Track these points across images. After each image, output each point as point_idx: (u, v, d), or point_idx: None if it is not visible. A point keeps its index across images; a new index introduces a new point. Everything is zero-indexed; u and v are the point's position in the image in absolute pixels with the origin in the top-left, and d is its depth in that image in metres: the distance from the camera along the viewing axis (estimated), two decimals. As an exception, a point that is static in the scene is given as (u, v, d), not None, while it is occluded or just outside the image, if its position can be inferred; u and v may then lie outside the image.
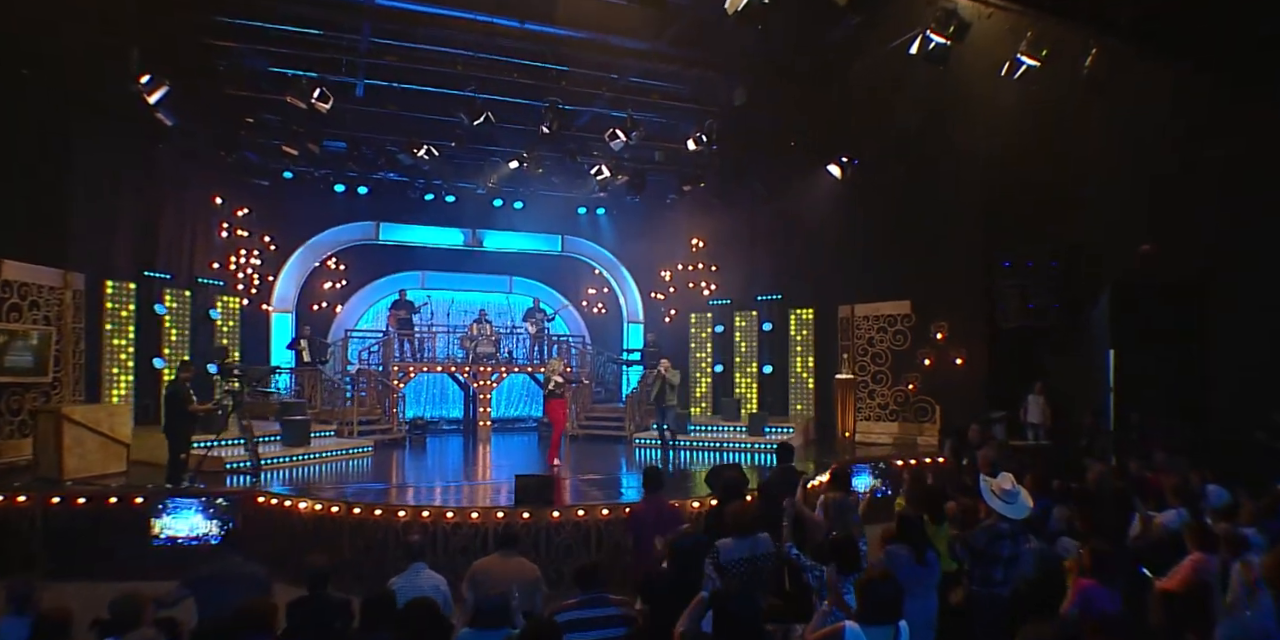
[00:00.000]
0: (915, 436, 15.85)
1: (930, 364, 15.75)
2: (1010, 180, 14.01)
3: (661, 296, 20.30)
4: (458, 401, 19.39)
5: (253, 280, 17.47)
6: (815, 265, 17.29)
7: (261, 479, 11.27)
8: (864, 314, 16.73)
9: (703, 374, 18.58)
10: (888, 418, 16.38)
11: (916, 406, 15.99)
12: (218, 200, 15.99)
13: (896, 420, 16.25)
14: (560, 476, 11.71)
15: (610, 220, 20.20)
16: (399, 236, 19.39)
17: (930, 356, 15.77)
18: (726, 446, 14.92)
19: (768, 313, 18.10)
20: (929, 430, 15.78)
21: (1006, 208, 14.30)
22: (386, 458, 13.90)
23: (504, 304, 19.69)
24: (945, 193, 15.41)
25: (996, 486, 5.76)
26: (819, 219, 16.85)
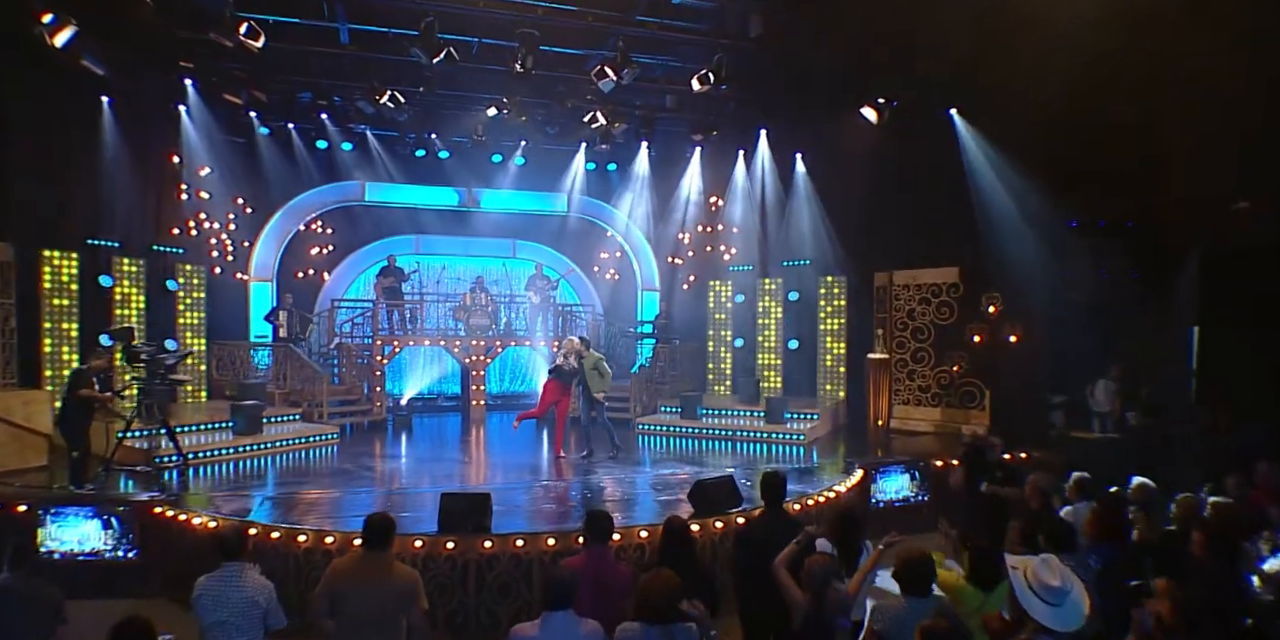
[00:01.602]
0: (960, 425, 13.76)
1: (980, 341, 13.68)
2: (1081, 123, 11.92)
3: (679, 261, 18.32)
4: (457, 376, 17.84)
5: (226, 247, 15.98)
6: (848, 226, 15.13)
7: (190, 477, 9.79)
8: (904, 282, 14.61)
9: (722, 349, 16.64)
10: (929, 402, 14.33)
11: (963, 390, 13.92)
12: (175, 159, 14.41)
13: (939, 405, 14.20)
14: (562, 465, 10.09)
15: (622, 177, 18.17)
16: (387, 197, 17.68)
17: (980, 332, 13.69)
18: (740, 435, 13.04)
19: (794, 281, 16.03)
20: (976, 417, 13.73)
21: (1076, 156, 12.22)
22: (351, 447, 12.36)
23: (504, 270, 17.86)
24: (1002, 139, 13.33)
25: (1034, 576, 3.77)
26: (852, 172, 14.62)
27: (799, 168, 16.14)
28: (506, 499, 8.69)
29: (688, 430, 13.46)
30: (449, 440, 13.58)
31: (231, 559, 4.73)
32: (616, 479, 9.99)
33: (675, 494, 8.91)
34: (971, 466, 7.30)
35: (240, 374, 14.43)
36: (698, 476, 9.79)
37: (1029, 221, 13.09)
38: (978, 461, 7.30)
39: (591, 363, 11.41)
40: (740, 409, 14.05)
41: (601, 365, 11.48)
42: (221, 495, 8.97)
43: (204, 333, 14.60)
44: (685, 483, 9.36)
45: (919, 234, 14.31)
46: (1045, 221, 12.88)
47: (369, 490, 9.28)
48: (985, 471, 7.23)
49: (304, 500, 8.69)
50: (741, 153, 16.53)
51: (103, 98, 13.31)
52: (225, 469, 10.61)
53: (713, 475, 8.44)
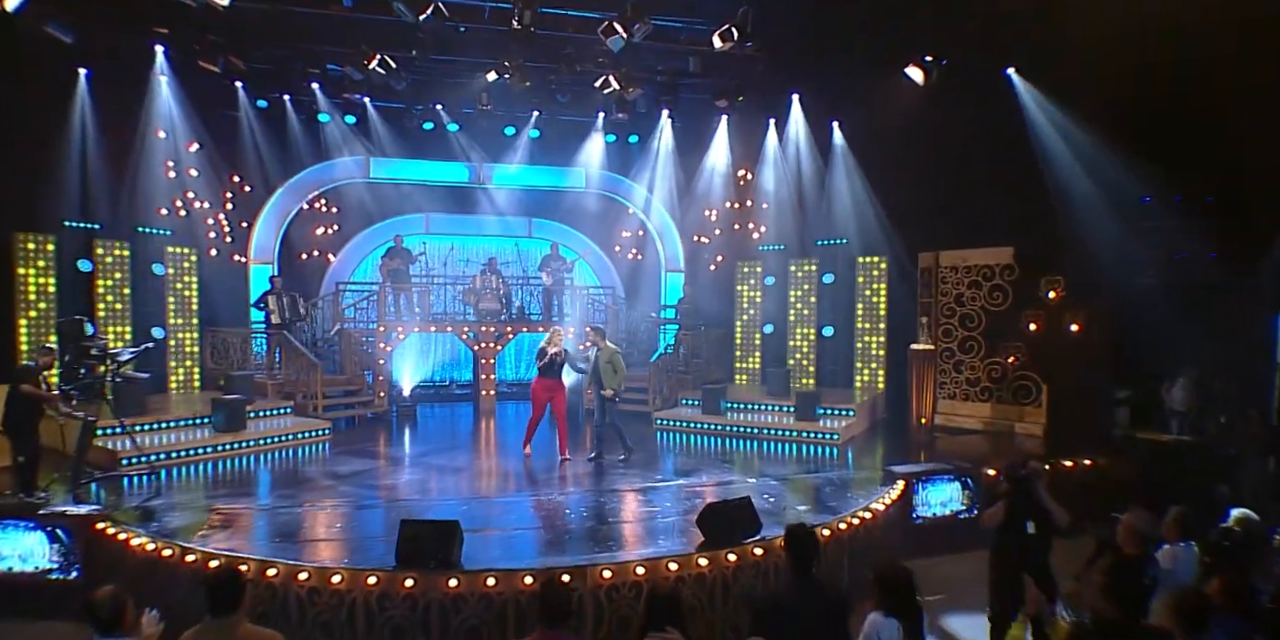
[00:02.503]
0: (1013, 423, 12.50)
1: (1037, 329, 12.32)
2: (1157, 83, 10.36)
3: (706, 240, 17.02)
4: (470, 362, 16.84)
5: (223, 228, 15.07)
6: (890, 201, 13.75)
7: (160, 480, 8.88)
8: (952, 264, 13.23)
9: (750, 336, 15.37)
10: (978, 397, 12.99)
11: (1016, 384, 12.57)
12: (161, 135, 13.45)
13: (989, 400, 12.87)
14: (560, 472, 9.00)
15: (644, 150, 16.85)
16: (393, 173, 16.59)
17: (1038, 320, 12.31)
18: (767, 434, 11.83)
19: (830, 261, 14.67)
20: (1031, 415, 12.41)
21: (1150, 122, 10.73)
22: (343, 445, 11.39)
23: (517, 250, 16.72)
24: (1065, 102, 12.05)
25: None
26: (894, 141, 13.20)
27: (835, 137, 14.72)
28: (492, 517, 7.64)
29: (709, 427, 12.29)
30: (451, 437, 12.58)
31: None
32: (627, 490, 8.84)
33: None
34: (1015, 503, 5.96)
35: (235, 363, 13.56)
36: (723, 486, 8.74)
37: (1095, 196, 11.77)
38: (1023, 497, 5.93)
39: (607, 356, 10.28)
40: (768, 403, 12.82)
41: (617, 359, 10.34)
42: (176, 506, 8.00)
43: (196, 319, 13.73)
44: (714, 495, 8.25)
45: (970, 210, 12.94)
46: (1114, 196, 11.55)
47: (336, 505, 8.24)
48: (1031, 510, 5.90)
49: (253, 517, 7.69)
50: (772, 121, 15.13)
51: (80, 70, 12.42)
52: (196, 472, 9.70)
53: (724, 495, 7.23)
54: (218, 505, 7.95)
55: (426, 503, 8.14)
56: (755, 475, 9.53)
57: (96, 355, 8.50)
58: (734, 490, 8.63)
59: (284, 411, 12.20)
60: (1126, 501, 8.53)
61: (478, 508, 7.94)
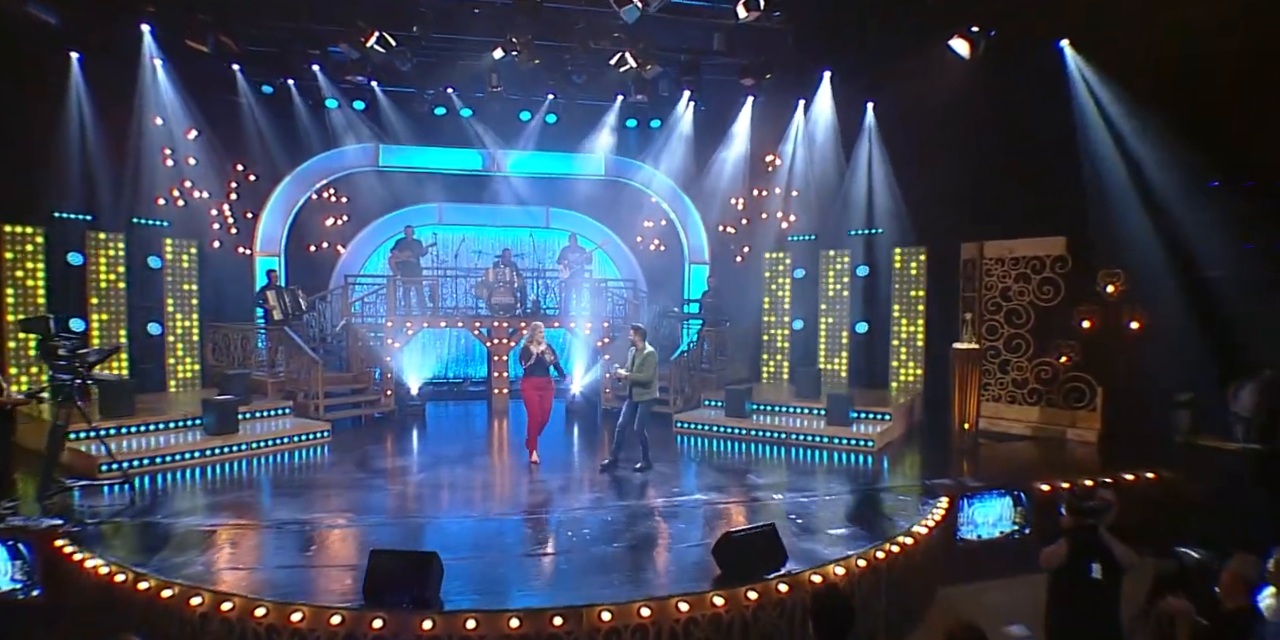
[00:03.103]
0: (1064, 428, 11.50)
1: (1092, 326, 11.36)
2: (1227, 57, 9.29)
3: (732, 230, 16.09)
4: (484, 358, 16.14)
5: (226, 219, 14.45)
6: (929, 188, 12.71)
7: (133, 491, 8.23)
8: (997, 255, 12.23)
9: (778, 333, 14.44)
10: (1026, 399, 11.98)
11: (1068, 386, 11.56)
12: (158, 121, 12.82)
13: (1038, 403, 11.87)
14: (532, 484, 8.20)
15: (665, 135, 15.94)
16: (403, 161, 15.87)
17: (1092, 316, 11.35)
18: (795, 439, 10.95)
19: (864, 252, 13.69)
20: (1084, 420, 11.41)
21: (1219, 99, 9.60)
22: (342, 449, 10.70)
23: (532, 241, 15.92)
24: (1125, 78, 10.98)
25: None
26: (935, 122, 12.20)
27: (868, 118, 13.71)
28: (484, 540, 6.86)
29: (733, 431, 11.42)
30: (457, 440, 11.82)
31: None
32: (639, 507, 8.01)
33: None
34: (1080, 542, 5.03)
35: (236, 360, 12.93)
36: (746, 504, 7.88)
37: (1157, 181, 10.68)
38: (1090, 535, 5.00)
39: (641, 357, 9.50)
40: (796, 406, 11.93)
41: (650, 362, 9.53)
42: (141, 522, 7.33)
43: (196, 313, 13.12)
44: (735, 515, 7.42)
45: (1018, 196, 11.94)
46: (1178, 181, 10.45)
47: (315, 523, 7.49)
48: (1098, 550, 4.98)
49: (219, 536, 6.97)
50: (801, 103, 14.14)
51: (72, 54, 11.82)
52: (179, 480, 9.04)
53: (747, 514, 6.39)
54: (185, 521, 7.27)
55: (414, 522, 7.38)
56: (782, 488, 8.67)
57: (65, 356, 7.84)
58: (757, 509, 7.79)
59: (283, 412, 11.55)
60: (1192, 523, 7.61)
61: (470, 528, 7.18)
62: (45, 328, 7.90)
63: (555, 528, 7.20)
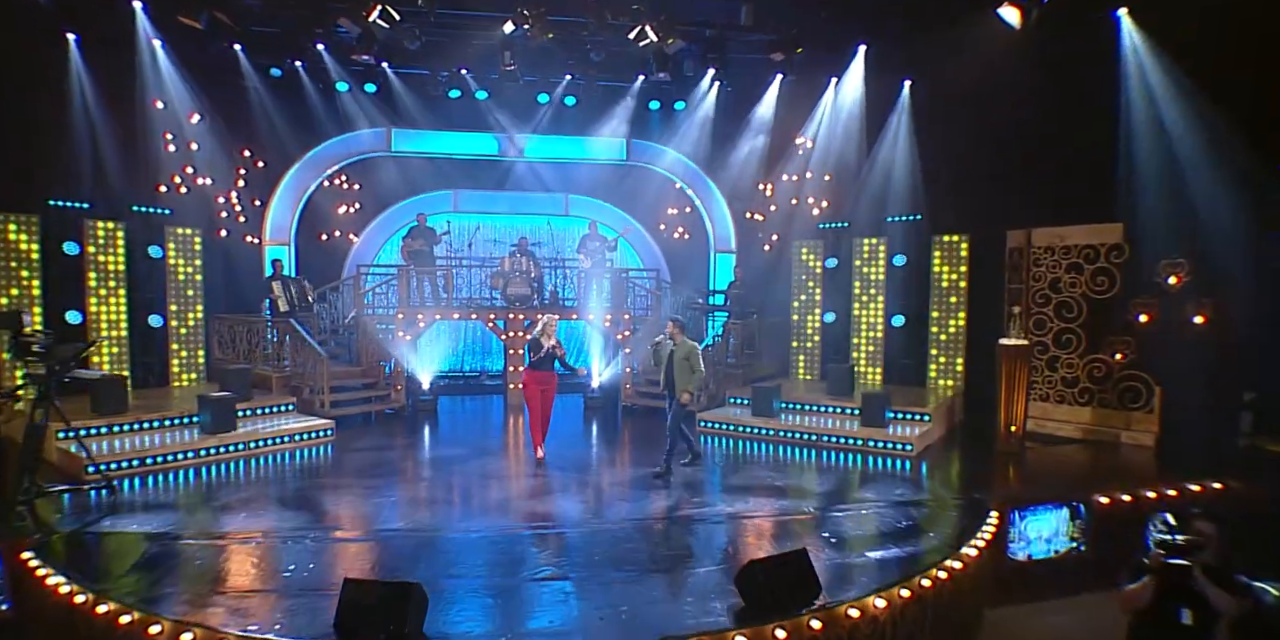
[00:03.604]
0: (1118, 431, 10.65)
1: (1150, 320, 10.50)
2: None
3: (760, 217, 15.29)
4: (502, 351, 15.54)
5: (234, 206, 13.94)
6: (973, 171, 11.83)
7: (109, 496, 7.70)
8: (1047, 243, 11.37)
9: (808, 326, 13.66)
10: (1075, 399, 11.14)
11: (1123, 385, 10.70)
12: (159, 105, 12.30)
13: (1089, 403, 11.01)
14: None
15: (690, 117, 15.16)
16: (416, 146, 15.27)
17: (1151, 310, 10.50)
18: (827, 441, 10.20)
19: (901, 240, 12.83)
20: (1140, 421, 10.57)
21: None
22: (346, 448, 10.13)
23: (550, 229, 15.22)
24: (1187, 51, 10.09)
25: None
26: (979, 99, 11.33)
27: (904, 96, 12.85)
28: (481, 558, 6.22)
29: (760, 432, 10.70)
30: (468, 439, 11.21)
31: None
32: (655, 521, 7.33)
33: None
34: (1169, 583, 4.24)
35: (242, 354, 12.41)
36: (774, 518, 7.14)
37: (1222, 163, 9.79)
38: (1178, 576, 4.20)
39: (684, 352, 8.95)
40: (828, 404, 11.17)
41: (695, 357, 8.98)
42: (115, 530, 6.78)
43: (201, 305, 12.61)
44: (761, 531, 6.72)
45: (1070, 180, 11.10)
46: (1245, 163, 9.54)
47: (299, 536, 6.87)
48: (1191, 594, 4.18)
49: (195, 551, 6.39)
50: (834, 81, 13.29)
51: (68, 35, 11.33)
52: (168, 483, 8.50)
53: (774, 530, 5.68)
54: (158, 532, 6.71)
55: (411, 536, 6.72)
56: (812, 498, 7.93)
57: (39, 352, 7.30)
58: (785, 523, 7.06)
59: (286, 409, 11.02)
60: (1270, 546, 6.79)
61: (471, 545, 6.53)
62: (16, 322, 7.36)
63: (563, 546, 6.52)
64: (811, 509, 7.40)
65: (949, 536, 6.74)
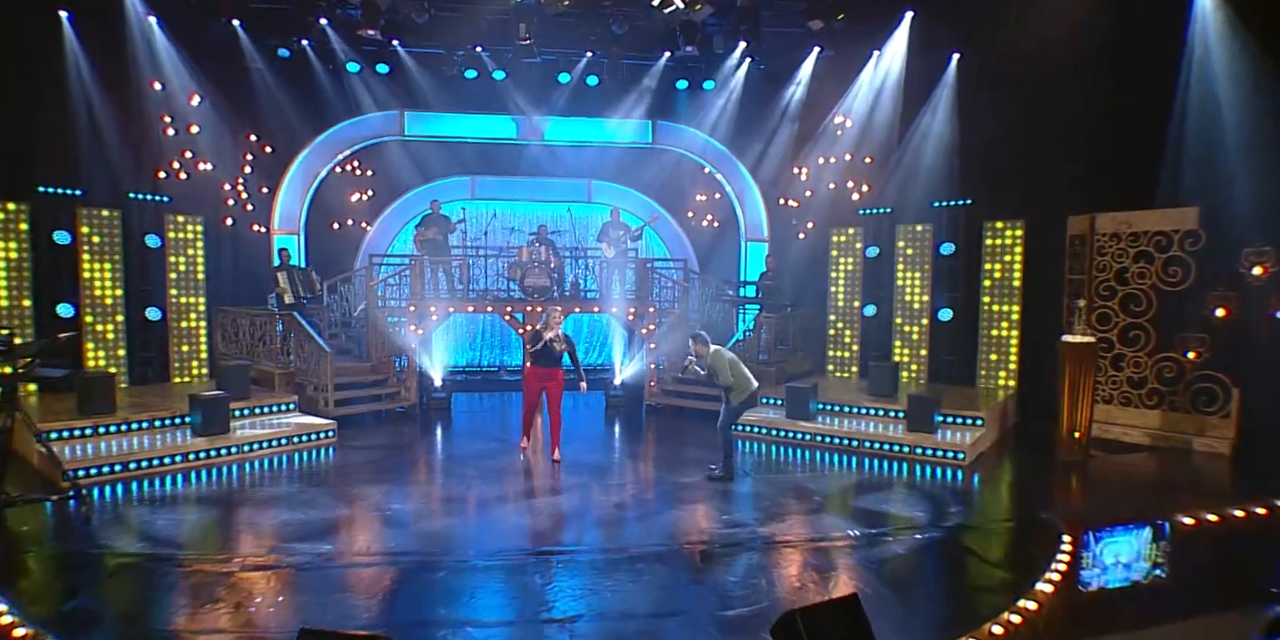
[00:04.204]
0: (1190, 437, 9.66)
1: (1228, 315, 9.53)
2: None
3: (794, 203, 14.35)
4: (520, 345, 14.81)
5: (240, 194, 13.31)
6: (1028, 151, 10.83)
7: (86, 504, 7.04)
8: (1111, 229, 10.36)
9: (846, 321, 12.74)
10: (1142, 401, 10.14)
11: (1197, 387, 9.71)
12: (156, 86, 11.66)
13: (1158, 406, 10.02)
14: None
15: (719, 97, 14.25)
16: (430, 129, 14.52)
17: (1229, 303, 9.54)
18: (869, 448, 9.31)
19: (949, 227, 11.87)
20: (1216, 427, 9.58)
21: None
22: (349, 452, 9.43)
23: (570, 217, 14.39)
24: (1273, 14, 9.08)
25: None
26: (1038, 70, 10.34)
27: (951, 70, 11.84)
28: (485, 594, 5.44)
29: (796, 436, 9.83)
30: (480, 439, 10.45)
31: None
32: (676, 550, 6.50)
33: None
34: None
35: (245, 348, 11.77)
36: (813, 544, 6.25)
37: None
38: None
39: (725, 363, 8.11)
40: (870, 406, 10.26)
41: (738, 368, 8.19)
42: (77, 550, 6.09)
43: (204, 297, 11.99)
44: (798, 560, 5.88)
45: (1138, 160, 10.05)
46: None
47: (274, 562, 6.14)
48: None
49: (155, 576, 5.68)
50: (875, 54, 12.29)
51: (61, 13, 10.71)
52: (153, 489, 7.84)
53: (814, 558, 4.83)
54: (124, 550, 6.03)
55: (398, 562, 5.95)
56: (856, 519, 7.03)
57: (3, 352, 6.65)
58: (828, 552, 6.19)
59: (286, 408, 10.35)
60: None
61: (468, 575, 5.75)
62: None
63: (572, 578, 5.70)
64: (856, 532, 6.52)
65: (1018, 567, 5.85)
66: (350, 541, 6.38)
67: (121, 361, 11.07)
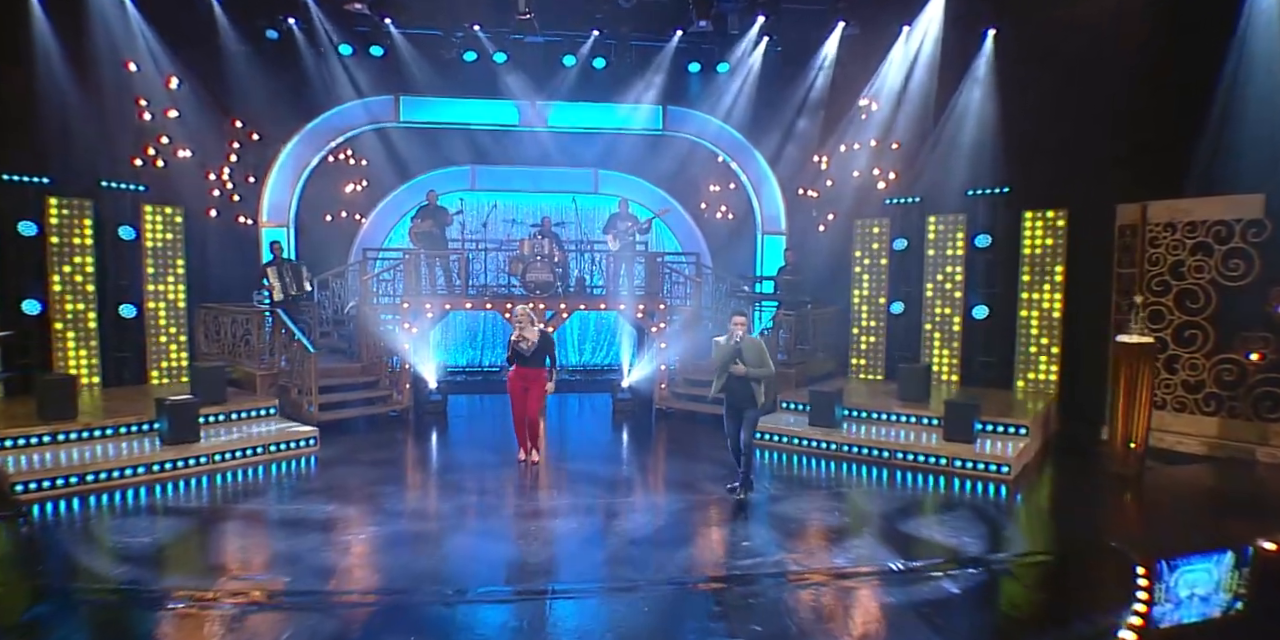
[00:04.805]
0: (1253, 447, 8.80)
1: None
2: None
3: (814, 194, 13.47)
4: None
5: (225, 184, 12.54)
6: (1074, 134, 9.94)
7: (28, 525, 6.28)
8: (1166, 219, 9.48)
9: (872, 317, 11.87)
10: (1198, 407, 9.27)
11: (1260, 391, 8.87)
12: (132, 67, 10.90)
13: (1217, 413, 9.12)
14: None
15: (735, 80, 13.38)
16: (427, 115, 13.70)
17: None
18: (899, 460, 8.45)
19: (985, 217, 10.99)
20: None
21: None
22: (331, 463, 8.64)
23: (575, 208, 13.52)
24: None
25: None
26: (1082, 47, 9.47)
27: (987, 47, 10.96)
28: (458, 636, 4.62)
29: (821, 447, 8.98)
30: (476, 448, 9.65)
31: None
32: (680, 587, 5.65)
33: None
34: None
35: (228, 348, 10.99)
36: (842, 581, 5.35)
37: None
38: None
39: (755, 350, 7.04)
40: (901, 413, 9.39)
41: (764, 354, 7.11)
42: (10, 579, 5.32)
43: (184, 293, 11.23)
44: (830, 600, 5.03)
45: (1196, 142, 9.10)
46: None
47: (227, 598, 5.36)
48: None
49: (86, 616, 4.89)
50: (905, 30, 11.40)
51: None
52: (110, 505, 7.08)
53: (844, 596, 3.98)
54: (55, 582, 5.24)
55: (359, 604, 5.12)
56: (895, 546, 6.12)
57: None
58: (867, 591, 5.32)
59: (266, 413, 9.57)
60: None
61: (436, 621, 4.91)
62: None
63: (569, 624, 4.86)
64: (900, 565, 5.65)
65: (1092, 605, 4.99)
66: (310, 574, 5.53)
67: (94, 362, 10.31)
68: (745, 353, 6.94)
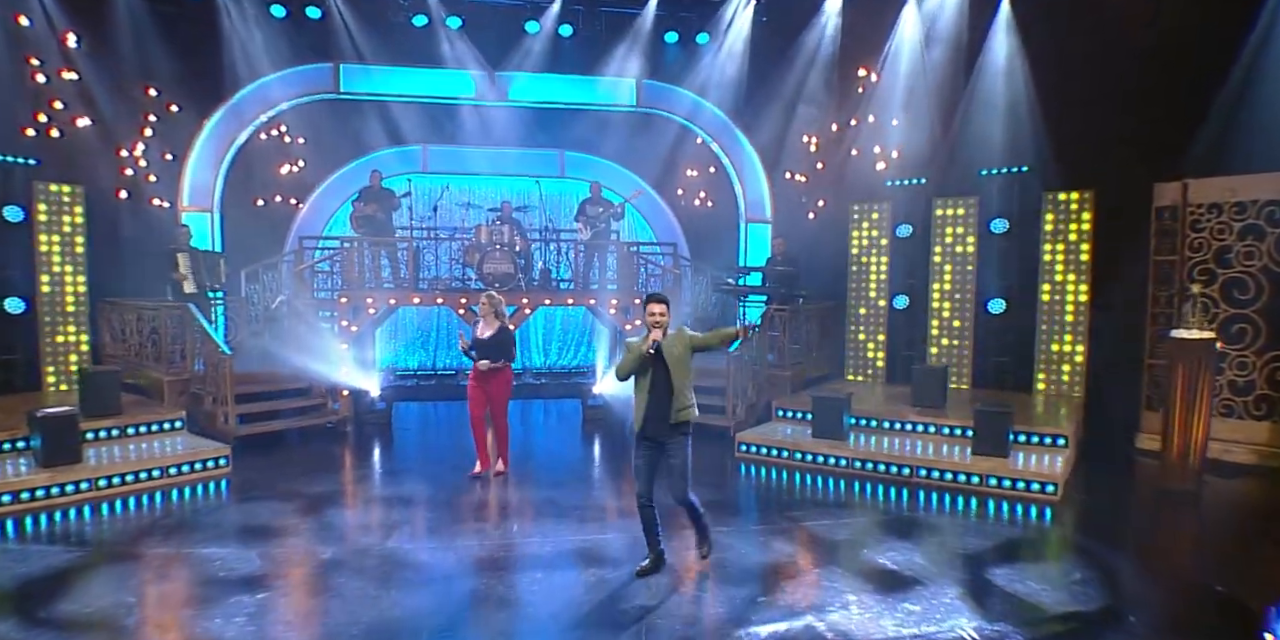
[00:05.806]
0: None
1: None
2: None
3: (803, 178, 12.23)
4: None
5: (138, 161, 10.94)
6: (1103, 106, 8.83)
7: None
8: (1208, 199, 8.42)
9: (873, 312, 10.66)
10: (1250, 411, 8.23)
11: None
12: (23, 20, 9.32)
13: (1268, 417, 8.04)
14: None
15: (716, 51, 12.12)
16: (371, 86, 12.20)
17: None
18: (919, 478, 7.22)
19: (1001, 200, 9.84)
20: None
21: None
22: (243, 486, 7.19)
23: (540, 192, 12.12)
24: None
25: None
26: (1110, 8, 8.35)
27: (1003, 10, 9.82)
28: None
29: (827, 462, 7.71)
30: (427, 465, 8.23)
31: None
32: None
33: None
34: None
35: (135, 348, 9.43)
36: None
37: None
38: None
39: (682, 346, 5.06)
40: (918, 422, 8.16)
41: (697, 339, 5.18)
42: None
43: (85, 286, 9.67)
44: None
45: (1244, 112, 8.03)
46: None
47: None
48: None
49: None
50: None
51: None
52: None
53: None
54: None
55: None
56: (955, 600, 4.79)
57: None
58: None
59: (171, 426, 8.06)
60: None
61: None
62: None
63: None
64: (937, 627, 4.34)
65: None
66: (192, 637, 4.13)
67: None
68: (670, 359, 4.98)
